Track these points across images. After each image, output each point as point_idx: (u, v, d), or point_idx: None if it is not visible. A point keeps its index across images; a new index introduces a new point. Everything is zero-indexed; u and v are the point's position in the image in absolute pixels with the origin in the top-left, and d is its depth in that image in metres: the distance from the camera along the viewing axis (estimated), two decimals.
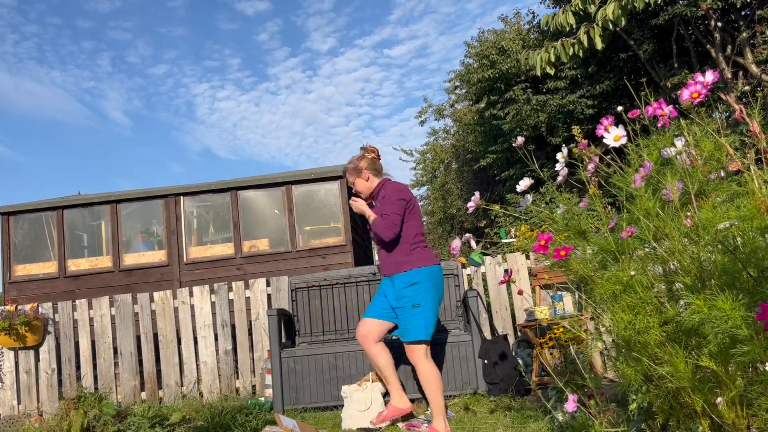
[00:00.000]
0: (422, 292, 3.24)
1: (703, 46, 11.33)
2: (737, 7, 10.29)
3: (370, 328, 3.40)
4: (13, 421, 5.09)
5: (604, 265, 2.08)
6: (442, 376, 4.20)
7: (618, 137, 2.00)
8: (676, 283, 1.98)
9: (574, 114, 12.33)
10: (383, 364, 3.41)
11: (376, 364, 3.46)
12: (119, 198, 7.85)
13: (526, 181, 2.24)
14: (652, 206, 1.91)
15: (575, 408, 2.12)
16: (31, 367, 5.32)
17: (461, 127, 17.42)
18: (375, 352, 3.40)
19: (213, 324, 5.23)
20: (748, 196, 1.75)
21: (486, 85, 13.79)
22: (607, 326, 2.17)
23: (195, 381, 5.18)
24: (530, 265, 5.03)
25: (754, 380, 1.79)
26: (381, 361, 3.40)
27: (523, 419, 3.35)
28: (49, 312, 5.37)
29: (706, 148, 1.96)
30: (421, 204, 18.99)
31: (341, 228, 7.61)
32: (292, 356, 4.26)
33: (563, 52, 3.23)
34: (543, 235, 1.97)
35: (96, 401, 3.98)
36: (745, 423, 1.86)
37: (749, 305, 1.61)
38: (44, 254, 7.79)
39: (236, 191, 7.72)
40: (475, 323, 4.25)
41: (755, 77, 10.60)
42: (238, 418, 3.83)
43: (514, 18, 14.62)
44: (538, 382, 4.17)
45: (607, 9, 3.04)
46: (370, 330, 3.40)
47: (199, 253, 7.71)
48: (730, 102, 1.99)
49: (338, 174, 7.73)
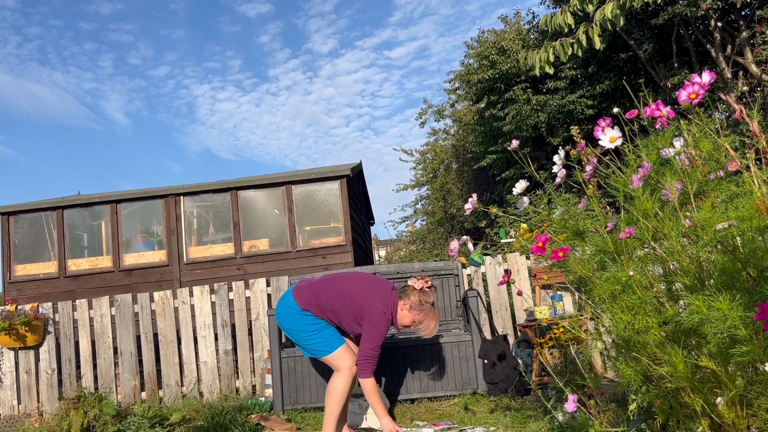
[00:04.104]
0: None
1: (703, 46, 11.33)
2: (737, 7, 10.28)
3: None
4: (13, 421, 5.09)
5: (603, 266, 2.08)
6: (443, 376, 4.21)
7: (614, 139, 2.00)
8: (675, 283, 1.98)
9: (574, 114, 12.32)
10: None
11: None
12: (119, 198, 7.86)
13: (522, 184, 2.24)
14: (650, 207, 1.91)
15: (575, 408, 2.13)
16: (31, 367, 5.33)
17: (461, 127, 17.41)
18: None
19: (213, 324, 5.23)
20: (747, 196, 1.75)
21: (486, 85, 13.78)
22: (607, 326, 2.17)
23: (195, 381, 5.18)
24: (530, 265, 5.03)
25: (753, 380, 1.79)
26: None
27: (523, 419, 3.35)
28: (49, 312, 5.37)
29: (704, 149, 1.96)
30: (421, 204, 18.98)
31: (341, 228, 7.61)
32: (292, 356, 4.26)
33: (562, 51, 3.23)
34: (541, 236, 1.97)
35: (96, 401, 3.98)
36: (745, 423, 1.86)
37: (748, 305, 1.61)
38: (44, 254, 7.79)
39: (236, 191, 7.73)
40: (475, 323, 4.26)
41: (755, 77, 10.60)
42: (238, 418, 3.83)
43: (514, 18, 14.60)
44: (538, 382, 4.17)
45: (606, 9, 3.04)
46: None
47: (199, 253, 7.71)
48: (730, 102, 1.99)
49: (338, 174, 7.74)
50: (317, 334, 3.24)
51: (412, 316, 3.24)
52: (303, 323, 3.24)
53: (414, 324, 3.27)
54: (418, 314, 3.23)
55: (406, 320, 3.26)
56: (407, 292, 3.26)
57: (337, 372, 3.23)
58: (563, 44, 3.27)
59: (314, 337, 3.24)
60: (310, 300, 3.27)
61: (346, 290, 3.27)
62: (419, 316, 3.23)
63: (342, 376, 3.20)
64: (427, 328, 3.26)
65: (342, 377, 3.20)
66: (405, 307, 3.24)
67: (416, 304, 3.23)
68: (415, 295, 3.24)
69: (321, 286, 3.32)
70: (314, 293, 3.29)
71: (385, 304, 3.22)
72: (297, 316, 3.25)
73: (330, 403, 3.20)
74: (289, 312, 3.28)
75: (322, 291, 3.28)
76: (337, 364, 3.21)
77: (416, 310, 3.22)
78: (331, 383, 3.22)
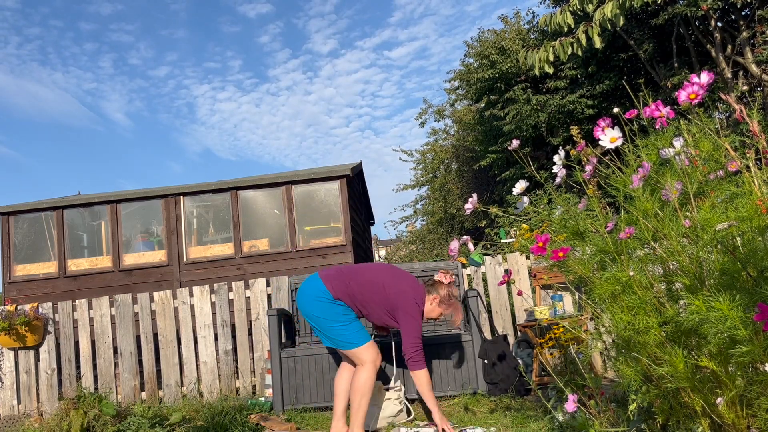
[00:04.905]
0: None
1: (703, 46, 11.32)
2: (737, 7, 10.28)
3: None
4: (13, 421, 5.09)
5: (603, 266, 2.08)
6: (443, 376, 4.21)
7: (614, 139, 2.00)
8: (675, 283, 1.98)
9: (574, 114, 12.32)
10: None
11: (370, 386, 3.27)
12: (119, 198, 7.86)
13: (522, 184, 2.24)
14: (650, 207, 1.91)
15: (575, 408, 2.13)
16: (31, 367, 5.33)
17: (461, 127, 17.41)
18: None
19: (213, 324, 5.23)
20: (747, 196, 1.75)
21: (486, 84, 13.78)
22: (607, 326, 2.17)
23: (195, 381, 5.18)
24: (530, 265, 5.03)
25: (753, 380, 1.79)
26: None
27: (523, 419, 3.35)
28: (49, 312, 5.37)
29: (704, 149, 1.96)
30: (421, 204, 18.99)
31: (341, 228, 7.61)
32: (292, 356, 4.26)
33: (562, 51, 3.23)
34: (541, 236, 1.97)
35: (96, 401, 3.98)
36: (745, 423, 1.86)
37: (748, 305, 1.61)
38: (44, 254, 7.79)
39: (236, 191, 7.73)
40: (475, 323, 4.26)
41: (755, 77, 10.59)
42: (238, 418, 3.83)
43: (514, 18, 14.61)
44: (538, 382, 4.17)
45: (605, 8, 3.04)
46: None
47: (199, 253, 7.71)
48: (730, 102, 1.99)
49: (338, 174, 7.74)
50: (348, 325, 3.23)
51: (441, 310, 3.30)
52: (335, 312, 3.23)
53: (441, 317, 3.34)
54: (447, 308, 3.30)
55: (435, 314, 3.32)
56: (435, 287, 3.32)
57: (361, 366, 3.22)
58: (563, 44, 3.27)
59: (344, 328, 3.23)
60: (342, 288, 3.27)
61: (375, 281, 3.29)
62: (448, 310, 3.30)
63: (366, 369, 3.20)
64: (454, 321, 3.35)
65: (366, 371, 3.20)
66: (435, 301, 3.30)
67: (446, 298, 3.29)
68: (444, 290, 3.30)
69: (350, 275, 3.33)
70: (345, 281, 3.29)
71: (416, 296, 3.27)
72: (329, 305, 3.24)
73: (356, 398, 3.19)
74: (321, 300, 3.26)
75: (352, 279, 3.29)
76: (363, 357, 3.21)
77: (445, 304, 3.29)
78: (357, 378, 3.21)
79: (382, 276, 3.32)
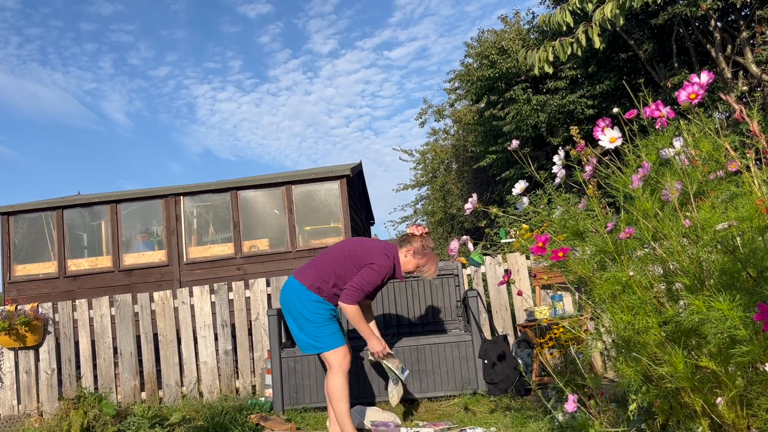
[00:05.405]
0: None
1: (703, 46, 11.33)
2: (737, 7, 10.28)
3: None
4: (13, 421, 5.09)
5: (603, 266, 2.08)
6: (443, 376, 4.21)
7: (613, 139, 2.00)
8: (675, 283, 1.98)
9: (575, 114, 12.32)
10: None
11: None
12: (119, 198, 7.86)
13: (522, 184, 2.24)
14: (650, 207, 1.91)
15: (575, 408, 2.12)
16: (31, 367, 5.33)
17: (461, 127, 17.41)
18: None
19: (213, 324, 5.23)
20: (747, 196, 1.75)
21: (486, 84, 13.78)
22: (607, 326, 2.17)
23: (195, 381, 5.18)
24: (530, 265, 5.03)
25: (753, 380, 1.78)
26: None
27: (523, 419, 3.35)
28: (49, 312, 5.37)
29: (704, 149, 1.96)
30: (421, 204, 19.00)
31: (341, 228, 7.61)
32: (292, 356, 4.26)
33: (561, 51, 3.23)
34: (541, 236, 1.97)
35: (96, 401, 3.98)
36: (745, 423, 1.86)
37: (748, 305, 1.61)
38: (44, 254, 7.79)
39: (236, 191, 7.73)
40: (475, 323, 4.26)
41: (755, 77, 10.59)
42: (238, 418, 3.83)
43: (514, 18, 14.62)
44: (538, 382, 4.17)
45: (605, 8, 3.04)
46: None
47: (199, 253, 7.71)
48: (730, 102, 1.99)
49: (338, 174, 7.74)
50: (324, 327, 3.24)
51: (416, 261, 3.34)
52: (308, 310, 3.24)
53: (417, 269, 3.37)
54: (421, 259, 3.33)
55: (410, 266, 3.35)
56: (408, 239, 3.37)
57: (331, 370, 3.25)
58: (563, 44, 3.27)
59: (321, 329, 3.24)
60: (312, 274, 3.30)
61: (343, 250, 3.34)
62: (422, 260, 3.34)
63: (335, 373, 3.22)
64: (429, 271, 3.37)
65: (335, 374, 3.22)
66: (408, 253, 3.34)
67: (419, 248, 3.33)
68: (417, 241, 3.34)
69: (317, 260, 3.37)
70: (314, 267, 3.32)
71: (387, 249, 3.32)
72: (317, 304, 3.26)
73: (335, 404, 3.20)
74: (306, 299, 3.26)
75: (319, 263, 3.33)
76: (332, 360, 3.23)
77: (419, 255, 3.33)
78: (329, 385, 3.23)
79: (348, 245, 3.39)
